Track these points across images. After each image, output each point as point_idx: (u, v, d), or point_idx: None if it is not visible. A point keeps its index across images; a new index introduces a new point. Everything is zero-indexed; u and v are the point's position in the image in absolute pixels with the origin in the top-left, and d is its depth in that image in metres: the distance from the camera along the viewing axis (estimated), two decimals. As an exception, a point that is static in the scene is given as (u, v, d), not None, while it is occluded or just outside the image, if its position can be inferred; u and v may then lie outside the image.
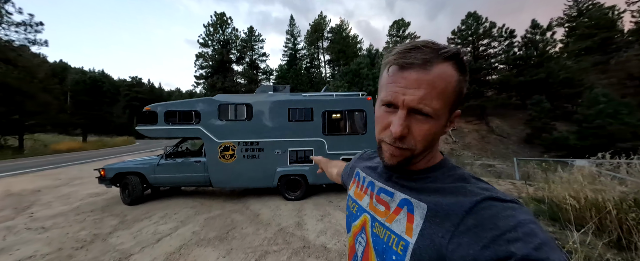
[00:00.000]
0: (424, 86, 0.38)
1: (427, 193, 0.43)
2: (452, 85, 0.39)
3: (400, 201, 0.47)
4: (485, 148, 19.21)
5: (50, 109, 18.77)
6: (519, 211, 0.35)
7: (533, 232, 0.31)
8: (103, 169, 4.65)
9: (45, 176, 7.46)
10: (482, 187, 0.40)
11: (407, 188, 0.47)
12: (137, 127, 4.69)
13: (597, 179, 3.09)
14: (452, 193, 0.40)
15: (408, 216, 0.43)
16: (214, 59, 26.64)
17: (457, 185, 0.41)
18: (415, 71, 0.38)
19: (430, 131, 0.40)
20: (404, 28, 33.04)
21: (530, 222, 0.33)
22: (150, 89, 61.55)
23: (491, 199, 0.37)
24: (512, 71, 24.00)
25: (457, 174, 0.44)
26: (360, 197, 0.57)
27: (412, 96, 0.38)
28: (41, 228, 3.47)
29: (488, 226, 0.34)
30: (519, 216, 0.33)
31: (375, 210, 0.51)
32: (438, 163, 0.47)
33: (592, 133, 14.13)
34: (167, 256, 2.65)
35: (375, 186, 0.54)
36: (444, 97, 0.39)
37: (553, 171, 5.14)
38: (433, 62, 0.38)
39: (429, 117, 0.39)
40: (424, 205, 0.42)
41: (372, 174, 0.58)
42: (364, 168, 0.63)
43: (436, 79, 0.38)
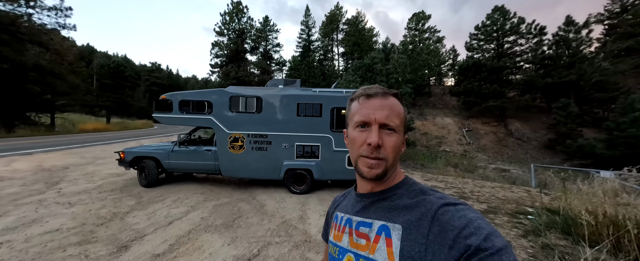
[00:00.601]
0: (387, 108, 0.51)
1: (398, 212, 0.49)
2: (402, 111, 0.53)
3: (378, 229, 0.50)
4: (501, 152, 18.40)
5: (78, 91, 20.05)
6: (468, 211, 0.42)
7: (481, 226, 0.39)
8: (123, 152, 4.96)
9: (73, 154, 8.05)
10: (438, 196, 0.48)
11: (380, 211, 0.52)
12: (154, 115, 4.92)
13: (620, 194, 2.90)
14: (417, 207, 0.47)
15: (387, 241, 0.47)
16: (229, 48, 26.95)
17: (420, 198, 0.49)
18: (378, 98, 0.52)
19: (396, 143, 0.50)
20: (423, 21, 31.60)
21: (477, 218, 0.40)
22: (168, 75, 63.73)
23: (446, 205, 0.44)
24: (538, 72, 22.45)
25: (418, 188, 0.52)
26: (340, 238, 0.58)
27: (381, 114, 0.50)
28: (68, 203, 3.79)
29: (448, 228, 0.40)
30: (469, 215, 0.41)
31: (356, 246, 0.52)
32: (402, 180, 0.55)
33: (623, 143, 13.08)
34: (177, 239, 2.82)
35: (353, 222, 0.56)
36: (400, 118, 0.52)
37: (573, 181, 4.87)
38: (388, 94, 0.54)
39: (394, 131, 0.51)
40: (399, 226, 0.47)
41: (348, 210, 0.60)
42: (340, 208, 0.64)
43: (393, 104, 0.52)
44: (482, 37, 24.41)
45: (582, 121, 17.83)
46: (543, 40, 22.55)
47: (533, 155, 17.65)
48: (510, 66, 22.78)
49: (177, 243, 2.72)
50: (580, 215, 2.60)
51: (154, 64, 58.14)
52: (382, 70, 16.33)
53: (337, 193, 3.80)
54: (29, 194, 4.07)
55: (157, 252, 2.53)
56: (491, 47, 24.18)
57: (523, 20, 22.59)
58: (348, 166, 4.67)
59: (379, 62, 16.32)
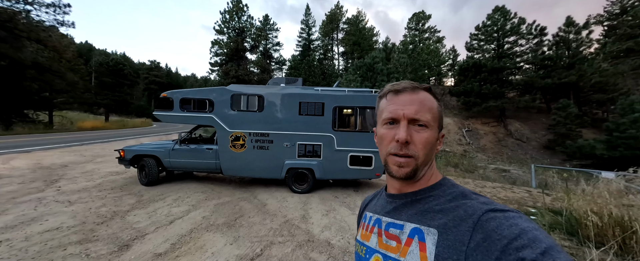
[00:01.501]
0: (417, 103, 0.49)
1: (433, 215, 0.46)
2: (435, 106, 0.50)
3: (410, 232, 0.47)
4: (501, 152, 18.44)
5: (76, 88, 19.89)
6: (520, 219, 0.38)
7: (537, 238, 0.34)
8: (123, 150, 4.91)
9: (72, 152, 7.99)
10: (481, 201, 0.43)
11: (413, 213, 0.49)
12: (154, 112, 4.87)
13: (626, 195, 2.88)
14: (456, 211, 0.43)
15: (420, 246, 0.44)
16: (228, 46, 26.86)
17: (459, 203, 0.44)
18: (407, 93, 0.50)
19: (428, 139, 0.48)
20: (423, 21, 31.59)
21: (533, 229, 0.36)
22: (167, 74, 63.46)
23: (492, 211, 0.40)
24: (538, 72, 22.51)
25: (457, 191, 0.48)
26: (367, 238, 0.56)
27: (409, 110, 0.48)
28: (67, 201, 3.75)
29: (495, 237, 0.36)
30: (522, 224, 0.36)
31: (386, 247, 0.50)
32: (439, 181, 0.51)
33: (623, 143, 13.13)
34: (179, 238, 2.79)
35: (382, 223, 0.54)
36: (432, 113, 0.49)
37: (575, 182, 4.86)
38: (418, 88, 0.51)
39: (424, 127, 0.48)
40: (434, 230, 0.43)
41: (377, 210, 0.57)
42: (369, 208, 0.63)
43: (424, 98, 0.50)
44: (483, 37, 24.42)
45: (581, 121, 17.90)
46: (543, 40, 22.59)
47: (532, 155, 17.69)
48: (510, 66, 22.79)
49: (179, 242, 2.69)
50: (586, 216, 2.59)
51: (152, 62, 57.87)
52: (383, 70, 16.31)
53: (339, 193, 3.79)
54: (28, 192, 4.02)
55: (159, 251, 2.50)
56: (491, 47, 24.18)
57: (523, 21, 22.61)
58: (350, 165, 4.65)
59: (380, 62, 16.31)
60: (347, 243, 2.84)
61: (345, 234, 3.07)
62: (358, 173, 4.71)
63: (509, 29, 22.87)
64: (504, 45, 23.55)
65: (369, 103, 4.69)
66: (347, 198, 4.52)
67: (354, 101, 4.72)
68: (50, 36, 17.39)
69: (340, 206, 4.09)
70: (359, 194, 4.84)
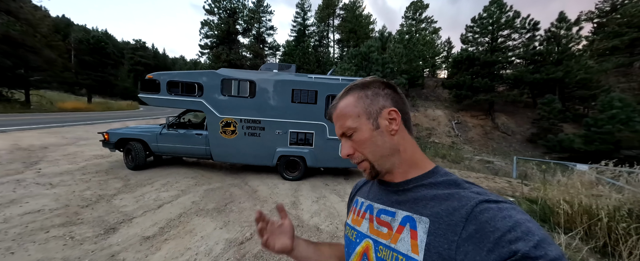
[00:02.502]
0: (337, 119, 0.53)
1: (425, 203, 0.45)
2: (351, 105, 0.51)
3: (402, 219, 0.46)
4: (487, 144, 19.13)
5: (55, 66, 18.66)
6: (514, 211, 0.37)
7: (531, 230, 0.34)
8: (107, 133, 4.74)
9: (52, 133, 7.63)
10: (475, 191, 0.42)
11: (404, 201, 0.48)
12: (140, 95, 4.67)
13: (596, 186, 3.09)
14: (448, 200, 0.42)
15: (412, 233, 0.44)
16: (219, 28, 25.63)
17: (452, 191, 0.44)
18: (332, 115, 0.54)
19: (361, 140, 0.49)
20: (421, 11, 31.06)
21: (526, 221, 0.35)
22: (154, 55, 60.37)
23: (486, 202, 0.39)
24: (528, 67, 22.94)
25: (449, 180, 0.47)
26: (358, 223, 0.56)
27: (337, 129, 0.53)
28: (49, 184, 3.63)
29: (488, 229, 0.35)
30: (516, 216, 0.36)
31: (377, 233, 0.50)
32: (431, 169, 0.50)
33: (599, 138, 13.89)
34: (167, 222, 2.78)
35: (374, 209, 0.54)
36: (350, 116, 0.50)
37: (552, 174, 5.16)
38: (337, 104, 0.53)
39: (352, 134, 0.50)
40: (426, 219, 0.43)
41: (370, 197, 0.58)
42: (361, 193, 0.63)
43: (340, 110, 0.52)
44: (478, 30, 24.38)
45: (564, 116, 18.65)
46: (535, 35, 22.83)
47: (516, 148, 18.48)
48: (502, 60, 23.07)
49: (168, 226, 2.69)
50: (558, 205, 2.76)
51: (138, 41, 54.63)
52: (378, 59, 16.16)
53: (330, 181, 3.85)
54: (5, 174, 3.85)
55: (147, 235, 2.49)
56: (485, 40, 24.26)
57: (518, 15, 22.64)
58: (341, 153, 4.70)
59: (376, 51, 16.11)
60: (335, 228, 2.93)
61: (334, 220, 3.16)
62: (349, 161, 4.75)
63: (504, 22, 22.90)
64: (497, 38, 23.67)
65: (362, 92, 4.67)
66: (338, 186, 4.61)
67: (347, 89, 4.67)
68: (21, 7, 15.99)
69: (331, 193, 4.18)
70: (349, 182, 4.95)
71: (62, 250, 2.14)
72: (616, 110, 13.72)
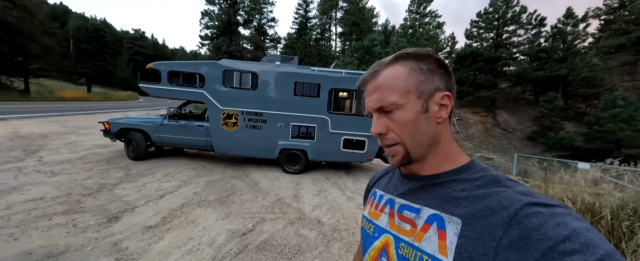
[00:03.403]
0: (376, 90, 0.45)
1: (456, 202, 0.40)
2: (401, 77, 0.43)
3: (428, 217, 0.42)
4: (487, 141, 19.15)
5: (53, 55, 18.44)
6: (570, 217, 0.31)
7: (592, 242, 0.28)
8: (108, 123, 4.70)
9: (53, 122, 7.60)
10: (520, 191, 0.37)
11: (432, 197, 0.44)
12: (140, 85, 4.61)
13: (599, 184, 3.08)
14: (486, 200, 0.37)
15: (439, 233, 0.40)
16: (220, 19, 25.17)
17: (491, 190, 0.38)
18: (369, 82, 0.47)
19: (402, 120, 0.43)
20: (425, 5, 30.41)
21: (586, 230, 0.30)
22: (154, 45, 59.62)
23: (534, 205, 0.34)
24: (532, 64, 22.68)
25: (489, 176, 0.41)
26: (377, 216, 0.52)
27: (371, 102, 0.46)
28: (50, 172, 3.62)
29: (536, 237, 0.31)
30: (572, 224, 0.30)
31: (398, 229, 0.46)
32: (465, 164, 0.45)
33: (600, 137, 13.87)
34: (170, 212, 2.79)
35: (395, 203, 0.50)
36: (397, 90, 0.43)
37: (553, 171, 5.15)
38: (379, 71, 0.46)
39: (392, 110, 0.44)
40: (457, 220, 0.38)
41: (390, 190, 0.53)
42: (380, 185, 0.58)
43: (384, 80, 0.44)
44: (483, 25, 23.98)
45: (565, 114, 18.61)
46: (541, 32, 22.47)
47: (516, 145, 18.51)
48: (506, 57, 22.79)
49: (170, 216, 2.70)
50: (561, 201, 2.75)
51: (137, 31, 53.83)
52: (381, 53, 15.94)
53: (331, 174, 3.84)
54: (5, 161, 3.84)
55: (149, 224, 2.50)
56: (490, 36, 23.90)
57: (525, 10, 22.21)
58: (343, 148, 4.68)
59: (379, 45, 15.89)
60: (336, 221, 2.94)
61: (335, 213, 3.16)
62: (351, 156, 4.77)
63: (510, 17, 22.48)
64: (502, 34, 23.31)
65: (366, 86, 4.60)
66: (339, 180, 4.61)
67: (350, 83, 4.61)
68: (17, -7, 15.63)
69: (332, 187, 4.19)
70: (350, 176, 4.95)
71: (65, 237, 2.15)
72: (619, 109, 13.65)
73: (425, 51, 0.45)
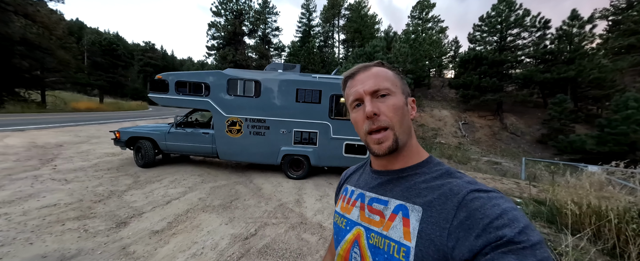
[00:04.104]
0: (371, 77, 0.50)
1: (417, 192, 0.46)
2: (390, 74, 0.51)
3: (395, 208, 0.47)
4: (495, 145, 18.75)
5: (69, 68, 19.33)
6: (501, 200, 0.39)
7: (516, 218, 0.36)
8: (118, 132, 4.90)
9: (67, 132, 7.93)
10: (466, 180, 0.44)
11: (398, 190, 0.49)
12: (149, 95, 4.81)
13: (605, 187, 3.01)
14: (440, 189, 0.44)
15: (404, 221, 0.45)
16: (226, 29, 26.02)
17: (445, 181, 0.45)
18: (361, 72, 0.52)
19: (395, 104, 0.48)
20: (428, 10, 30.70)
21: (513, 209, 0.37)
22: (163, 56, 61.70)
23: (477, 191, 0.41)
24: (538, 66, 22.36)
25: (443, 169, 0.48)
26: (348, 211, 0.56)
27: (367, 84, 0.49)
28: (64, 179, 3.79)
29: (478, 216, 0.37)
30: (503, 205, 0.38)
31: (369, 221, 0.50)
32: (425, 159, 0.51)
33: (613, 139, 13.41)
34: (175, 217, 2.87)
35: (365, 197, 0.54)
36: (389, 80, 0.50)
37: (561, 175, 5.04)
38: (369, 66, 0.53)
39: (387, 95, 0.49)
40: (419, 208, 0.44)
41: (361, 185, 0.58)
42: (351, 181, 0.63)
43: (376, 72, 0.51)
44: (486, 28, 23.93)
45: (575, 117, 18.10)
46: (546, 34, 22.22)
47: (525, 149, 18.04)
48: (511, 59, 22.57)
49: (176, 221, 2.78)
50: (566, 206, 2.71)
51: (147, 43, 55.93)
52: (383, 59, 16.07)
53: (333, 180, 3.86)
54: (23, 170, 4.04)
55: (156, 229, 2.58)
56: (494, 39, 23.79)
57: (528, 13, 22.10)
58: (345, 153, 4.72)
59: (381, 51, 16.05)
60: (338, 225, 2.96)
61: (337, 217, 3.18)
62: (353, 161, 4.79)
63: (513, 20, 22.40)
64: (506, 37, 23.17)
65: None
66: (341, 185, 4.63)
67: (351, 89, 4.69)
68: (38, 11, 16.62)
69: (334, 192, 4.20)
70: (352, 181, 4.96)
71: (76, 241, 2.24)
72: (631, 110, 13.23)
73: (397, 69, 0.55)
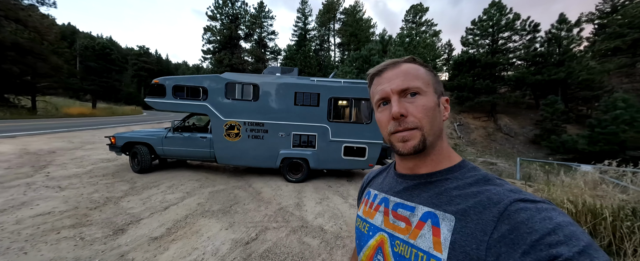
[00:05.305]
0: (401, 75, 0.47)
1: (449, 199, 0.42)
2: (422, 71, 0.48)
3: (423, 215, 0.44)
4: (490, 146, 19.03)
5: (61, 73, 19.03)
6: (554, 212, 0.34)
7: (575, 235, 0.31)
8: (113, 137, 4.83)
9: (59, 138, 7.77)
10: (508, 188, 0.39)
11: (426, 195, 0.45)
12: (146, 99, 4.77)
13: (599, 185, 3.08)
14: (477, 197, 0.39)
15: (434, 230, 0.41)
16: (222, 33, 26.04)
17: (481, 188, 0.40)
18: (389, 70, 0.49)
19: (425, 105, 0.45)
20: (421, 14, 31.30)
21: (569, 224, 0.32)
22: (158, 60, 61.28)
23: (521, 201, 0.36)
24: (529, 68, 22.93)
25: (479, 175, 0.43)
26: (371, 215, 0.54)
27: (395, 83, 0.46)
28: (58, 187, 3.70)
29: (525, 230, 0.32)
30: (557, 218, 0.33)
31: (393, 227, 0.47)
32: (457, 164, 0.47)
33: (603, 139, 13.77)
34: (174, 223, 2.83)
35: (389, 202, 0.51)
36: (420, 79, 0.46)
37: (556, 174, 5.13)
38: (399, 63, 0.49)
39: (417, 94, 0.45)
40: (451, 216, 0.40)
41: (384, 189, 0.55)
42: (374, 185, 0.60)
43: (406, 69, 0.47)
44: (478, 32, 24.52)
45: (567, 117, 18.55)
46: (536, 37, 22.88)
47: (519, 150, 18.35)
48: (503, 62, 23.12)
49: (175, 227, 2.74)
50: (562, 204, 2.76)
51: (141, 47, 55.54)
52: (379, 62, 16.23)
53: (333, 182, 3.87)
54: (15, 177, 3.93)
55: (155, 235, 2.54)
56: (486, 42, 24.38)
57: (518, 17, 22.76)
58: (344, 156, 4.73)
59: (376, 54, 16.24)
60: (339, 228, 2.96)
61: (338, 220, 3.18)
62: (352, 163, 4.81)
63: (504, 24, 23.02)
64: (498, 40, 23.77)
65: (365, 95, 4.72)
66: (341, 188, 4.63)
67: (349, 92, 4.74)
68: (30, 15, 16.42)
69: (334, 195, 4.20)
70: (351, 184, 4.97)
71: (73, 250, 2.19)
72: (620, 110, 13.64)
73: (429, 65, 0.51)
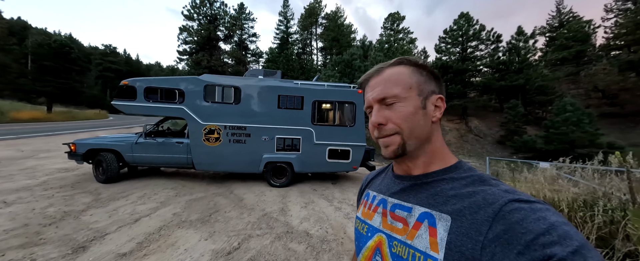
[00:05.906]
0: (381, 83, 0.48)
1: (445, 200, 0.42)
2: (405, 75, 0.47)
3: (419, 216, 0.44)
4: (463, 146, 20.35)
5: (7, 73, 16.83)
6: (548, 212, 0.34)
7: (568, 235, 0.31)
8: (74, 144, 4.35)
9: (5, 146, 6.82)
10: (503, 189, 0.39)
11: (422, 196, 0.46)
12: (114, 102, 4.39)
13: (556, 181, 3.43)
14: (472, 197, 0.40)
15: (430, 230, 0.41)
16: (199, 34, 24.98)
17: (477, 188, 0.41)
18: (374, 77, 0.50)
19: (403, 112, 0.45)
20: (398, 22, 32.85)
21: (563, 224, 0.32)
22: (127, 61, 57.03)
23: (516, 201, 0.36)
24: (494, 75, 25.10)
25: (475, 175, 0.44)
26: (370, 216, 0.54)
27: (375, 93, 0.48)
28: (2, 202, 3.23)
29: (519, 230, 0.33)
30: (550, 218, 0.33)
31: (391, 228, 0.48)
32: (453, 164, 0.47)
33: (557, 139, 15.45)
34: (146, 236, 2.60)
35: (387, 203, 0.52)
36: (401, 84, 0.46)
37: (520, 171, 5.62)
38: (384, 69, 0.49)
39: (395, 102, 0.46)
40: (447, 217, 0.40)
41: (382, 190, 0.55)
42: (373, 186, 0.60)
43: (388, 76, 0.48)
44: (449, 40, 26.34)
45: (526, 120, 20.54)
46: (499, 47, 25.19)
47: (488, 150, 19.86)
48: (471, 69, 25.04)
49: (147, 241, 2.51)
50: (528, 199, 3.02)
51: (108, 46, 51.29)
52: (361, 66, 16.70)
53: (318, 186, 3.86)
54: (-54, 194, 3.36)
55: (123, 251, 2.30)
56: (457, 50, 26.24)
57: (484, 28, 24.89)
58: (328, 159, 4.74)
59: (358, 59, 16.66)
60: (325, 232, 2.93)
61: (324, 224, 3.15)
62: (336, 166, 4.83)
63: (472, 34, 25.02)
64: (467, 49, 25.73)
65: (348, 98, 4.80)
66: (326, 191, 4.62)
67: (333, 95, 4.79)
68: (-31, 7, 14.36)
69: (319, 198, 4.18)
70: (337, 187, 4.98)
71: (22, 274, 1.91)
72: (569, 113, 15.41)
73: (421, 61, 0.50)
